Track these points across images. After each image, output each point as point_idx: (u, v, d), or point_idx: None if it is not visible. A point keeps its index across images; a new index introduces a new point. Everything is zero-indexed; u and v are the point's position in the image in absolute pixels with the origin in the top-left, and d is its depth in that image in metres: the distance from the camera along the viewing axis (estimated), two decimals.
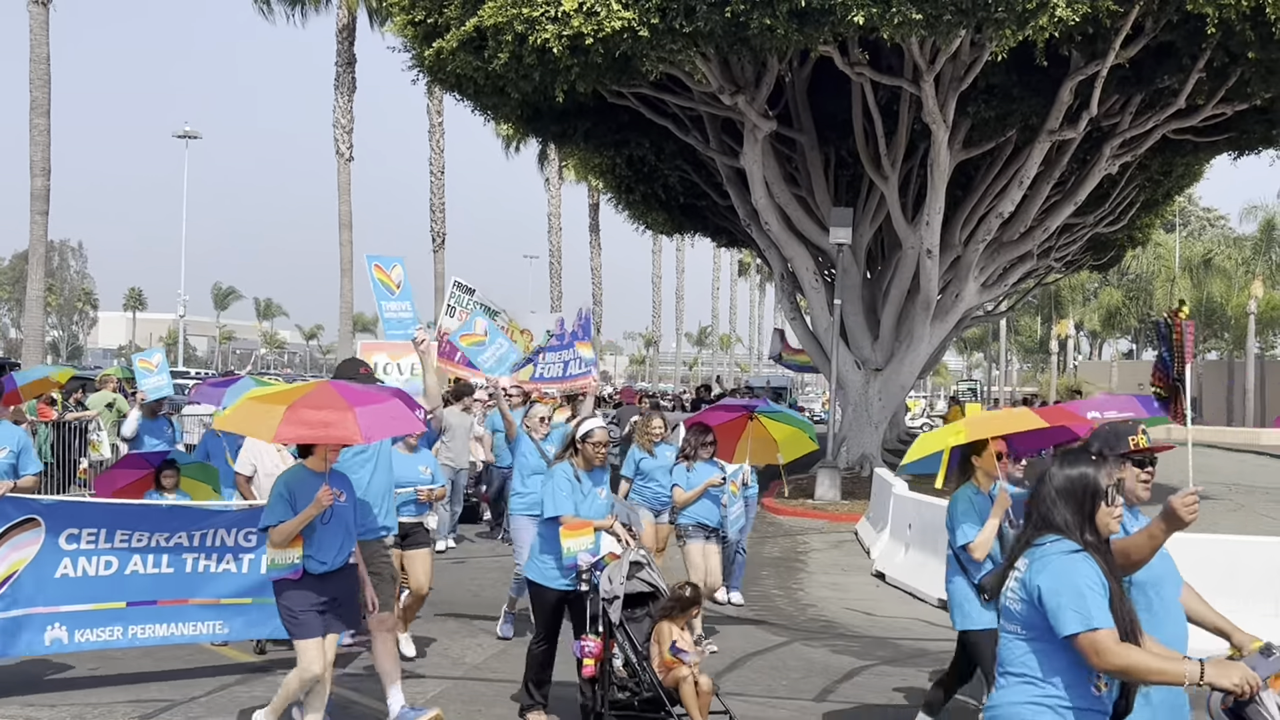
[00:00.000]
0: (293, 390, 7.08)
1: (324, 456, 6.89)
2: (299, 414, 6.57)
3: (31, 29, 28.81)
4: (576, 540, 7.34)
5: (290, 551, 6.76)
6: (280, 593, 6.86)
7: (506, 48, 18.24)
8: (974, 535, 6.95)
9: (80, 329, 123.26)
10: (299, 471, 6.94)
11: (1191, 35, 18.92)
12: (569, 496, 7.51)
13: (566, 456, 7.73)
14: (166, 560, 8.28)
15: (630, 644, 7.28)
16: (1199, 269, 66.81)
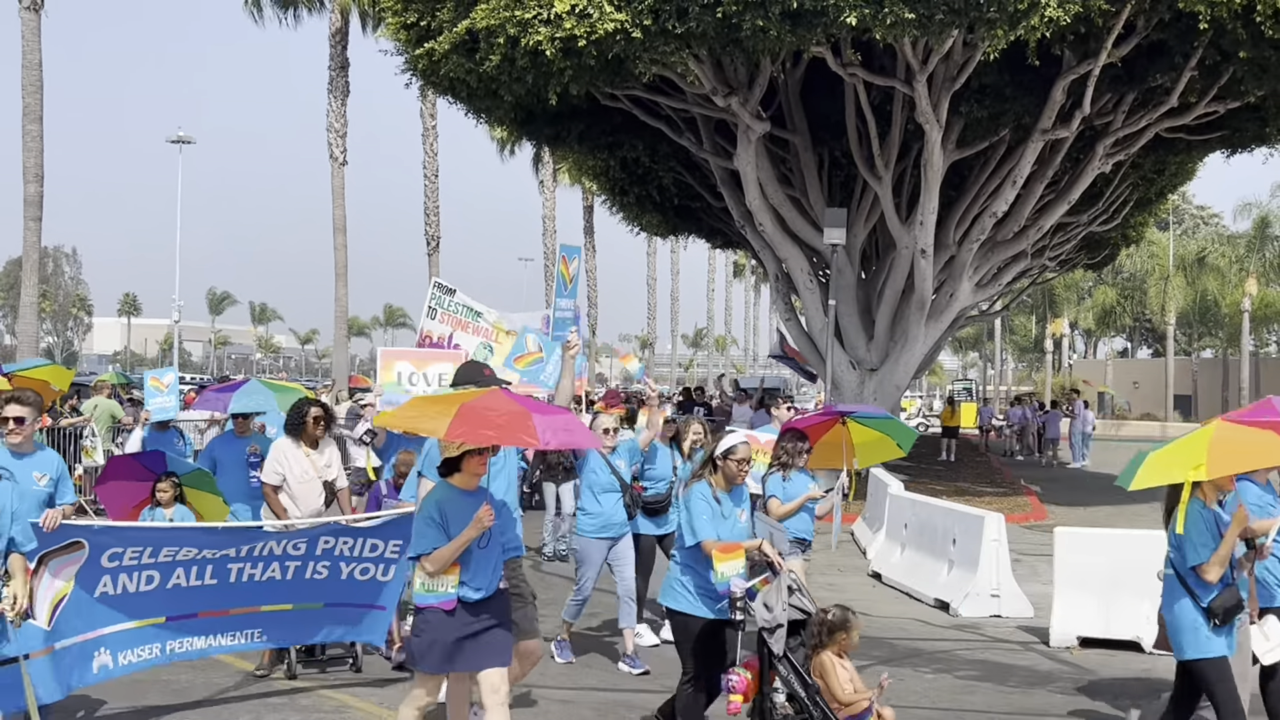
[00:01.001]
0: (462, 393, 6.68)
1: (474, 472, 6.41)
2: (474, 412, 6.15)
3: (23, 35, 28.76)
4: (730, 564, 6.79)
5: (446, 579, 6.29)
6: (426, 621, 6.33)
7: (499, 50, 18.23)
8: (1206, 555, 6.49)
9: (75, 335, 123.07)
10: (447, 491, 6.41)
11: (1183, 34, 18.95)
12: (711, 520, 6.96)
13: (704, 475, 7.17)
14: (210, 571, 7.90)
15: (798, 676, 6.75)
16: (1193, 267, 66.84)
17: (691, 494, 7.06)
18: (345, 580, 8.25)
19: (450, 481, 6.41)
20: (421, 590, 6.31)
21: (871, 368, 24.77)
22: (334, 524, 8.31)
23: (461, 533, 6.22)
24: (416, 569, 6.37)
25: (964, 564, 12.53)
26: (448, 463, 6.40)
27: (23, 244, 29.41)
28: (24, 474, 7.48)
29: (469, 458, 6.34)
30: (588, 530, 9.56)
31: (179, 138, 65.08)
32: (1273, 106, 21.46)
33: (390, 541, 8.24)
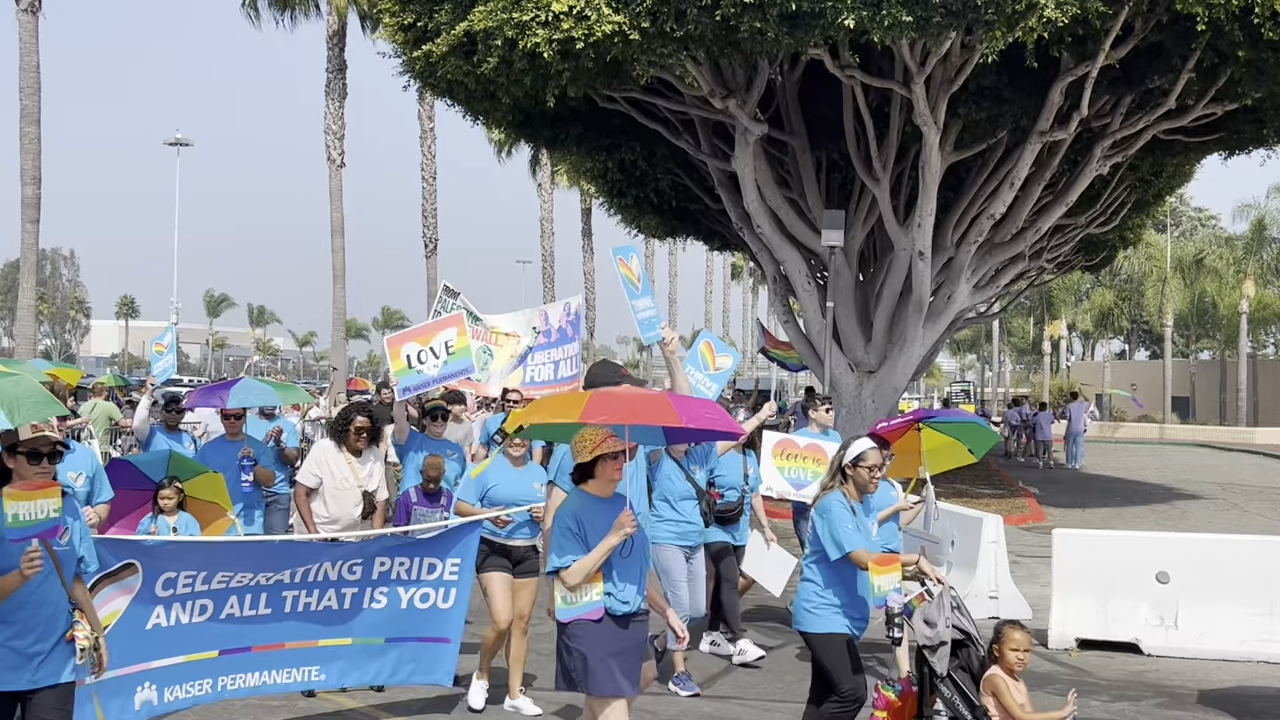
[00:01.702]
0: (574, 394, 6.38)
1: (610, 478, 6.04)
2: (608, 397, 5.98)
3: (21, 37, 28.78)
4: (887, 578, 6.37)
5: (590, 588, 5.93)
6: (573, 635, 5.93)
7: (497, 52, 18.22)
8: None
9: (73, 337, 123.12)
10: (583, 499, 6.08)
11: (1181, 36, 18.96)
12: (856, 530, 6.57)
13: (834, 485, 6.75)
14: (265, 600, 7.31)
15: (964, 699, 6.42)
16: (1191, 269, 66.93)
17: (829, 505, 6.66)
18: (405, 609, 7.69)
19: (585, 489, 6.09)
20: (563, 605, 5.95)
21: (870, 369, 24.77)
22: (387, 538, 7.81)
23: (602, 541, 5.90)
24: (555, 585, 5.99)
25: (962, 565, 12.53)
26: (581, 469, 6.07)
27: (20, 246, 29.43)
28: (60, 474, 7.23)
29: (604, 462, 6.01)
30: (666, 538, 9.02)
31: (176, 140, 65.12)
32: (1270, 108, 21.46)
33: (448, 560, 7.73)
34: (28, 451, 5.41)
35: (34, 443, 5.42)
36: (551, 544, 6.03)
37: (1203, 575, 10.56)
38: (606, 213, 32.67)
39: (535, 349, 14.45)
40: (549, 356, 14.32)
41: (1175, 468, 32.98)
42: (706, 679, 9.38)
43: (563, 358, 14.21)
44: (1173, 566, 10.60)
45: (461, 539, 7.74)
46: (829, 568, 6.61)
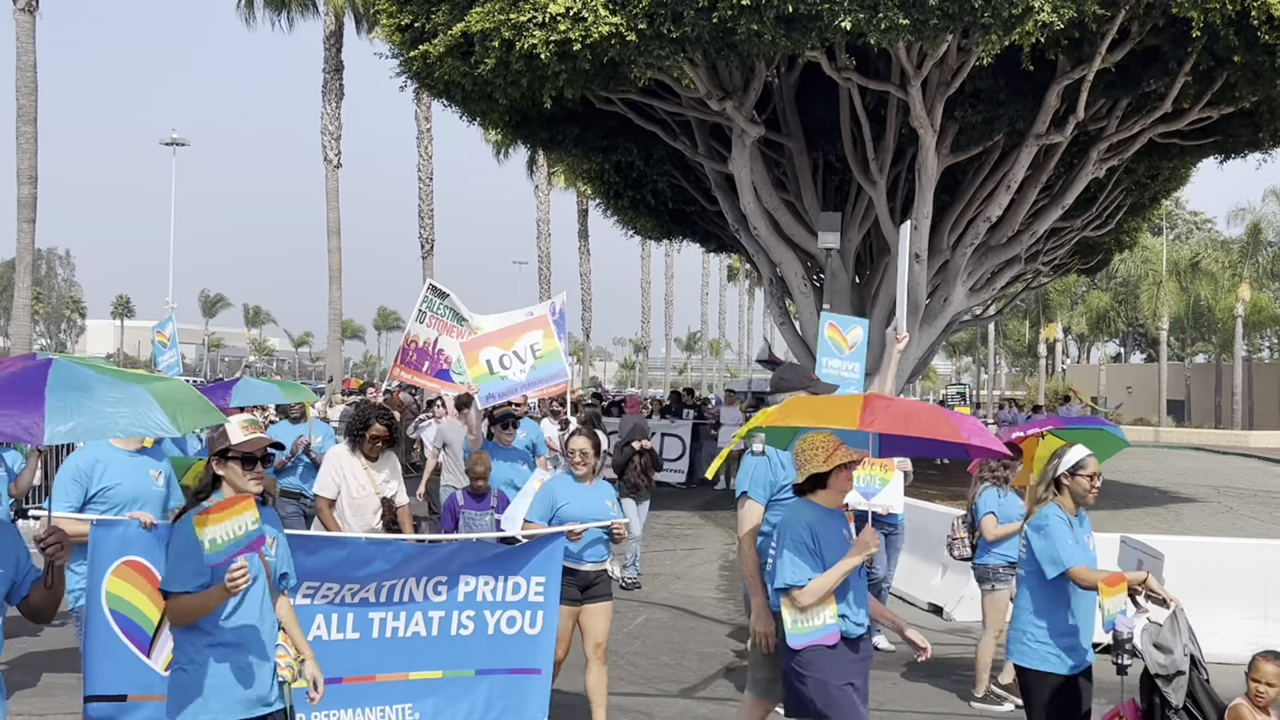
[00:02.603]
0: (843, 397, 5.80)
1: (842, 489, 5.63)
2: (886, 406, 5.47)
3: (18, 37, 28.75)
4: (1114, 599, 5.79)
5: (823, 611, 5.51)
6: (808, 663, 5.48)
7: (494, 53, 18.22)
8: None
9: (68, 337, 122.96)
10: (815, 511, 5.61)
11: (1177, 39, 18.99)
12: (1078, 546, 5.96)
13: (1049, 496, 6.13)
14: (352, 622, 6.59)
15: None
16: (1186, 272, 67.05)
17: (1047, 518, 6.02)
18: (493, 636, 6.98)
19: (814, 500, 5.63)
20: (795, 629, 5.51)
21: (866, 372, 24.78)
22: (467, 551, 7.07)
23: (843, 561, 5.47)
24: (784, 605, 5.55)
25: (958, 568, 12.53)
26: (814, 478, 5.62)
27: (16, 246, 29.38)
28: (141, 473, 6.79)
29: (839, 472, 5.59)
30: None
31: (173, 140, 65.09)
32: (1266, 112, 21.51)
33: (533, 579, 7.03)
34: (241, 456, 4.92)
35: (249, 446, 4.92)
36: (783, 560, 5.56)
37: (1198, 578, 10.57)
38: (603, 214, 32.70)
39: None
40: None
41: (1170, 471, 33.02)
42: (702, 680, 9.40)
43: None
44: (1168, 570, 10.61)
45: (543, 553, 7.09)
46: (1044, 591, 6.03)
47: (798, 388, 6.53)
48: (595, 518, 7.40)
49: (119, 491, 6.58)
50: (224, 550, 4.62)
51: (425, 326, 13.64)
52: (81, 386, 4.33)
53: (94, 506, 6.44)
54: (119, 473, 6.63)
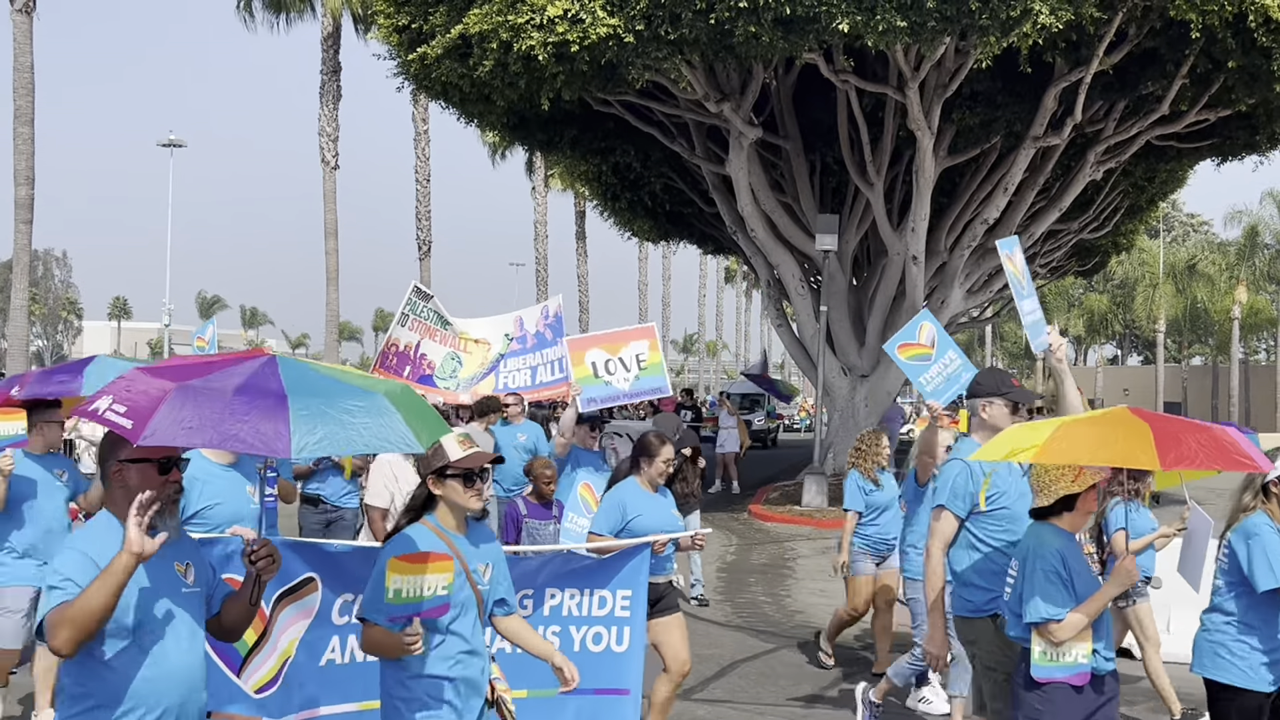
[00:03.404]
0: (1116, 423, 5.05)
1: (1088, 511, 5.28)
2: (1171, 432, 4.84)
3: (15, 37, 28.72)
4: None
5: (1077, 646, 5.04)
6: (1050, 699, 5.07)
7: (492, 55, 18.22)
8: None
9: (65, 338, 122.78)
10: (1061, 537, 5.21)
11: (1174, 42, 19.01)
12: None
13: (1256, 504, 5.72)
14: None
15: None
16: (1183, 275, 67.10)
17: (1257, 527, 5.62)
18: (579, 653, 6.46)
19: (1059, 524, 5.24)
20: (1044, 661, 5.07)
21: (863, 374, 24.81)
22: (554, 562, 6.63)
23: (1101, 591, 5.08)
24: (1036, 637, 5.11)
25: None
26: (1065, 500, 5.20)
27: (13, 247, 29.36)
28: (238, 490, 6.37)
29: (1087, 494, 5.19)
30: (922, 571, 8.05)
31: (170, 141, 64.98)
32: (1263, 115, 21.53)
33: (618, 593, 6.56)
34: (462, 473, 4.55)
35: (469, 461, 4.53)
36: (1036, 590, 5.09)
37: None
38: (601, 216, 32.70)
39: (508, 355, 13.75)
40: (524, 362, 13.51)
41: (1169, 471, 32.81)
42: (700, 681, 9.39)
43: (541, 363, 13.41)
44: (1166, 572, 10.60)
45: (629, 566, 6.59)
46: (1250, 603, 5.62)
47: (993, 394, 6.15)
48: (668, 528, 7.02)
49: (219, 512, 6.16)
50: (404, 606, 4.30)
51: (407, 330, 13.15)
52: (319, 391, 3.88)
53: (190, 528, 5.77)
54: (217, 491, 6.24)
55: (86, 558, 3.75)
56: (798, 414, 59.72)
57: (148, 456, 3.87)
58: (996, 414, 6.07)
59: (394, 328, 12.88)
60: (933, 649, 5.85)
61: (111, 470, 3.92)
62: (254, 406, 3.71)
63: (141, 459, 3.87)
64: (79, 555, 3.77)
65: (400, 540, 4.53)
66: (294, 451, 3.64)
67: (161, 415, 3.62)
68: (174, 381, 3.76)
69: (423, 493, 4.64)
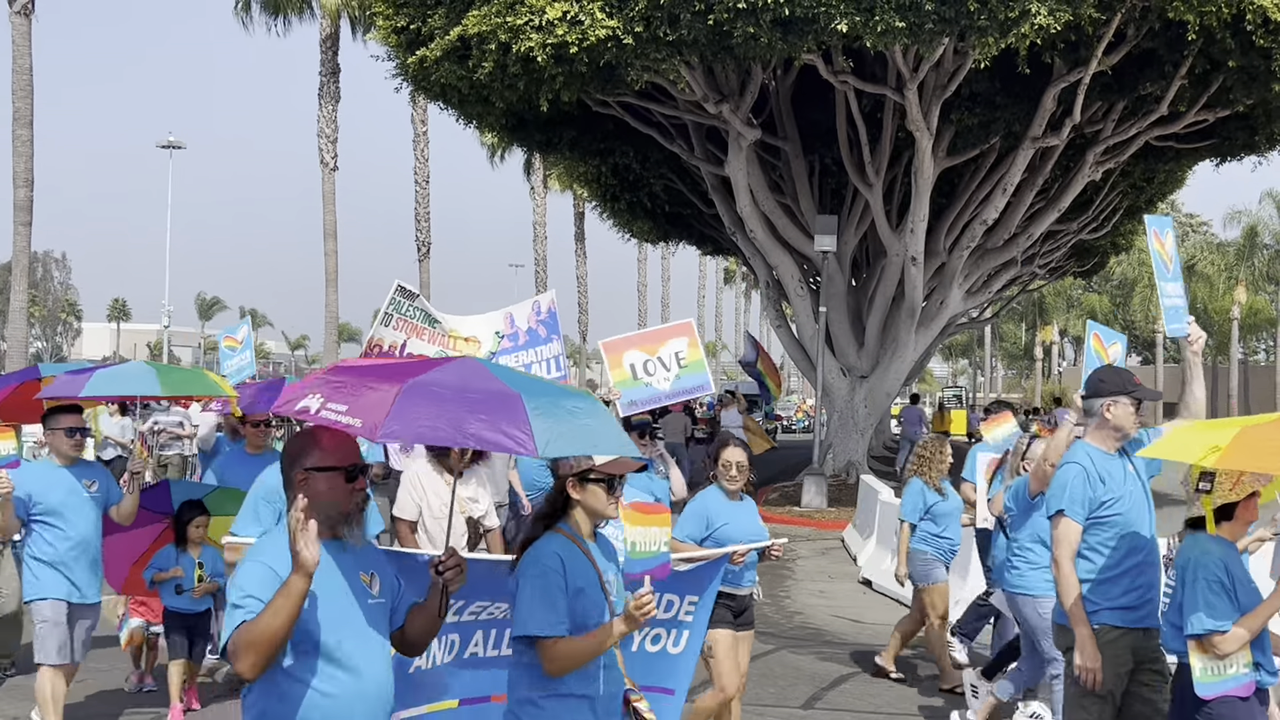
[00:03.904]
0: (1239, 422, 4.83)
1: (1247, 520, 5.09)
2: None
3: (14, 39, 28.72)
4: None
5: (1239, 659, 4.85)
6: (1218, 715, 4.87)
7: (490, 57, 18.23)
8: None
9: (64, 340, 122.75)
10: (1222, 546, 5.03)
11: (1173, 42, 19.02)
12: None
13: None
14: (504, 637, 5.75)
15: None
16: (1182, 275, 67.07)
17: None
18: (636, 653, 6.12)
19: (1221, 533, 5.08)
20: (1207, 678, 4.89)
21: (862, 375, 24.81)
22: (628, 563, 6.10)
23: (1266, 603, 4.90)
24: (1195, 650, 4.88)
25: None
26: (1224, 508, 5.05)
27: (12, 248, 29.36)
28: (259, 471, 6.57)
29: (1247, 502, 5.03)
30: (1027, 587, 7.48)
31: (169, 143, 64.98)
32: (1262, 115, 21.53)
33: (686, 598, 6.31)
34: (606, 478, 4.30)
35: (614, 467, 4.30)
36: (1200, 601, 4.92)
37: None
38: (599, 217, 32.72)
39: (499, 354, 13.42)
40: (517, 360, 13.11)
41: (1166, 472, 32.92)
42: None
43: (535, 360, 13.03)
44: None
45: (701, 572, 6.40)
46: None
47: (1119, 393, 5.83)
48: (754, 538, 6.77)
49: None
50: (640, 561, 4.00)
51: (391, 329, 12.71)
52: (541, 390, 3.74)
53: None
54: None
55: (270, 570, 3.54)
56: (795, 414, 59.74)
57: (335, 464, 3.72)
58: (1121, 414, 5.80)
59: (376, 327, 12.45)
60: (1085, 663, 5.50)
61: (296, 478, 3.72)
62: (489, 405, 3.57)
63: (329, 467, 3.71)
64: (261, 568, 3.56)
65: (540, 553, 4.19)
66: (540, 450, 3.48)
67: (396, 413, 3.50)
68: (387, 380, 3.64)
69: (559, 497, 4.37)
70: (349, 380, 3.71)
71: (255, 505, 5.87)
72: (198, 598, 7.82)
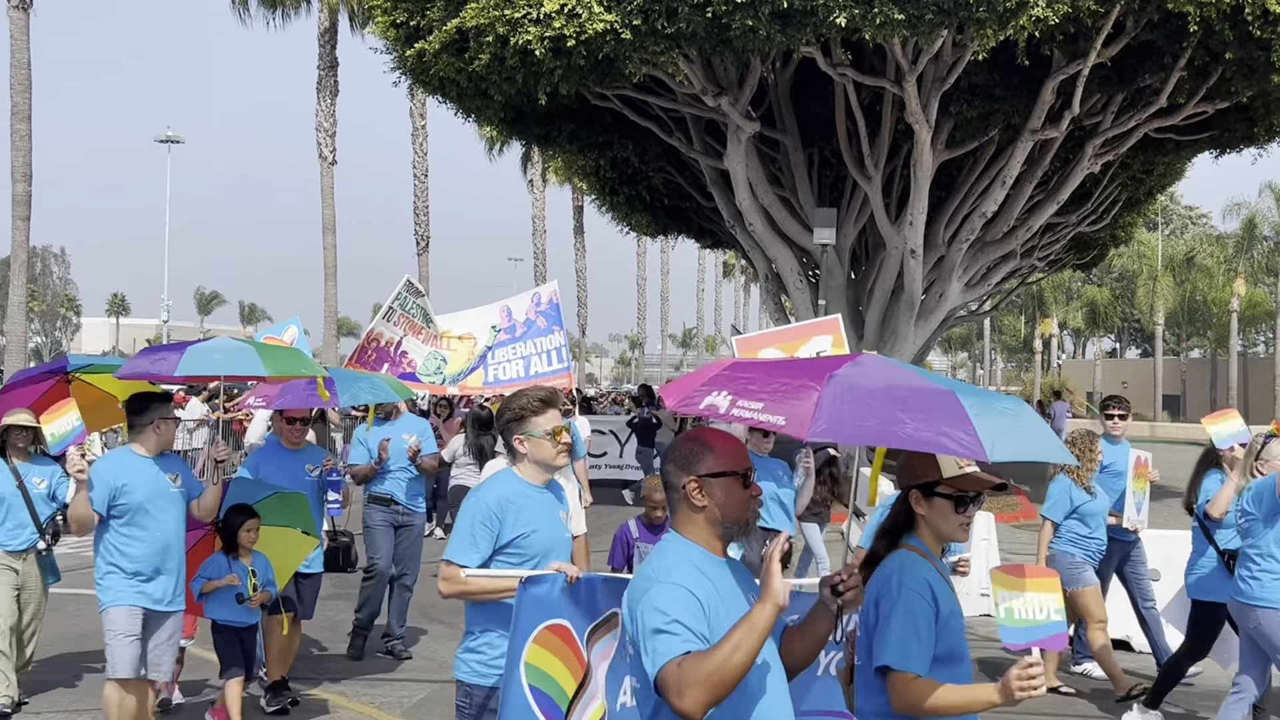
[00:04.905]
0: None
1: None
2: None
3: (12, 34, 28.70)
4: None
5: None
6: None
7: (488, 49, 18.21)
8: None
9: (63, 335, 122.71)
10: None
11: (1172, 34, 18.99)
12: None
13: None
14: None
15: None
16: (1181, 267, 67.12)
17: None
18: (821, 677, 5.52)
19: None
20: None
21: None
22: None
23: None
24: None
25: None
26: None
27: (11, 244, 29.36)
28: (551, 513, 5.10)
29: None
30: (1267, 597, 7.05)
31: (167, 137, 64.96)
32: (1261, 107, 21.51)
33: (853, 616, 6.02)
34: (955, 495, 3.81)
35: (970, 484, 3.81)
36: None
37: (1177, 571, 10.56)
38: (599, 210, 32.66)
39: (495, 347, 13.15)
40: (515, 352, 12.54)
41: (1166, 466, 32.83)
42: None
43: (535, 352, 12.45)
44: (1164, 564, 10.61)
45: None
46: None
47: None
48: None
49: (536, 540, 5.01)
50: (1024, 630, 3.57)
51: (392, 325, 12.45)
52: (966, 390, 3.44)
53: (504, 560, 4.93)
54: (534, 515, 5.02)
55: (690, 594, 3.18)
56: None
57: (731, 469, 3.41)
58: None
59: (378, 321, 12.19)
60: None
61: (687, 486, 3.39)
62: (921, 403, 3.32)
63: (725, 472, 3.41)
64: (687, 595, 3.19)
65: (897, 570, 3.75)
66: (989, 454, 3.16)
67: (826, 411, 3.26)
68: (801, 376, 3.41)
69: (902, 510, 3.92)
70: (757, 377, 3.51)
71: (472, 530, 4.91)
72: (254, 609, 7.39)
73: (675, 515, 3.43)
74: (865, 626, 3.76)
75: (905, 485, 3.87)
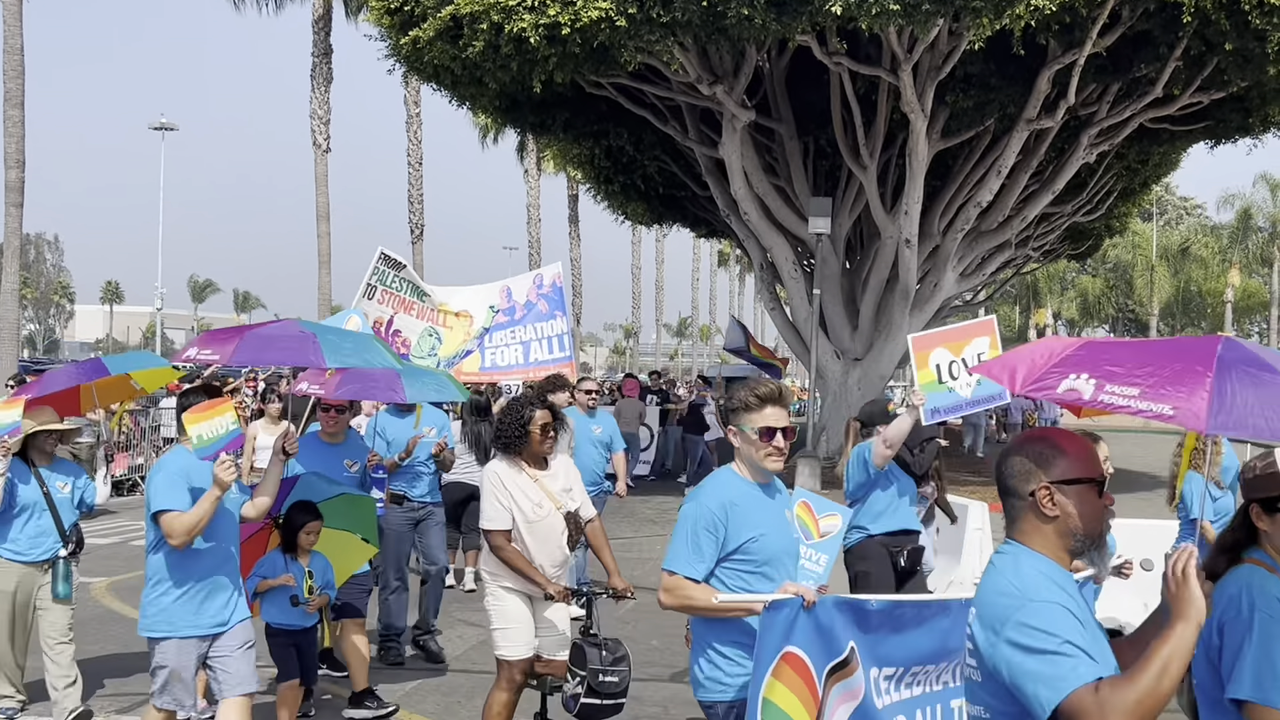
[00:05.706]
0: None
1: None
2: None
3: (4, 20, 28.58)
4: None
5: None
6: None
7: (483, 37, 18.17)
8: None
9: (57, 323, 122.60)
10: None
11: (1168, 24, 18.98)
12: None
13: None
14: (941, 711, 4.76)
15: None
16: (1176, 258, 67.17)
17: None
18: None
19: None
20: None
21: (856, 357, 24.81)
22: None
23: None
24: None
25: (947, 553, 12.52)
26: None
27: (4, 230, 29.26)
28: (777, 514, 4.68)
29: None
30: None
31: (161, 125, 64.75)
32: (1256, 97, 21.51)
33: None
34: None
35: None
36: None
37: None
38: (593, 199, 32.64)
39: (493, 329, 12.51)
40: (513, 336, 11.85)
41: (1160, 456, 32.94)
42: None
43: (535, 338, 11.80)
44: (1157, 554, 10.61)
45: None
46: None
47: None
48: None
49: (765, 544, 4.51)
50: None
51: (375, 303, 11.62)
52: None
53: (731, 568, 4.47)
54: (761, 517, 4.55)
55: (1075, 619, 2.91)
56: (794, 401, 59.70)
57: (1087, 476, 3.06)
58: None
59: (360, 300, 11.36)
60: None
61: (1037, 493, 3.06)
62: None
63: (1081, 479, 3.06)
64: (1067, 615, 2.91)
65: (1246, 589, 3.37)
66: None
67: (1220, 401, 2.93)
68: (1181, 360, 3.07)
69: (1242, 523, 3.55)
70: (1122, 358, 3.12)
71: (695, 537, 4.45)
72: (311, 612, 7.02)
73: (1016, 524, 3.13)
74: (1207, 647, 3.38)
75: (1249, 498, 3.51)
